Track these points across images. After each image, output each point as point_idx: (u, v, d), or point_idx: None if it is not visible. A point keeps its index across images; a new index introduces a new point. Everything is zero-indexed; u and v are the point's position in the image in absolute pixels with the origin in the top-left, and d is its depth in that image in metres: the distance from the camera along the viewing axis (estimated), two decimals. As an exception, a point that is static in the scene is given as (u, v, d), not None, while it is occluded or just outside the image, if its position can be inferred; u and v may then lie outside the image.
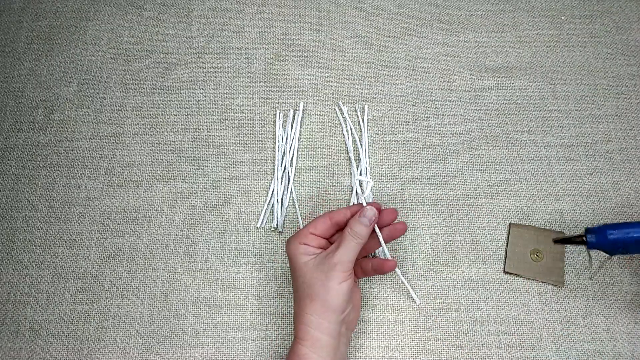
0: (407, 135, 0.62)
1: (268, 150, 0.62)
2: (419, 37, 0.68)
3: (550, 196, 0.58)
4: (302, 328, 0.43)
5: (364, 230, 0.44)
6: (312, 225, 0.46)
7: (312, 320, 0.43)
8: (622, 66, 0.65)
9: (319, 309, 0.43)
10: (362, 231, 0.44)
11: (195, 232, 0.57)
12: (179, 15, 0.71)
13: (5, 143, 0.63)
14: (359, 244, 0.44)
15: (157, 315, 0.54)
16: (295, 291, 0.46)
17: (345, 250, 0.44)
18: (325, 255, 0.44)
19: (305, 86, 0.65)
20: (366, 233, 0.45)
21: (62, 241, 0.57)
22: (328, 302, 0.43)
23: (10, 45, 0.69)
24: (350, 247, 0.44)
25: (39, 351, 0.52)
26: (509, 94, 0.64)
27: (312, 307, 0.43)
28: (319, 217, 0.47)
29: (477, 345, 0.51)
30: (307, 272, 0.44)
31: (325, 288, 0.43)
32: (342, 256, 0.43)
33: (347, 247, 0.44)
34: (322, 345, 0.43)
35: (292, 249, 0.46)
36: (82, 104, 0.65)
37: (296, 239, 0.46)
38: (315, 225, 0.46)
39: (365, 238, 0.45)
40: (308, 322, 0.43)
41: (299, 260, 0.45)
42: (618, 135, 0.61)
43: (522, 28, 0.68)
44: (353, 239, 0.44)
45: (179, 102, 0.65)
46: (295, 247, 0.46)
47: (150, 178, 0.60)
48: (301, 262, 0.45)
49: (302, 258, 0.45)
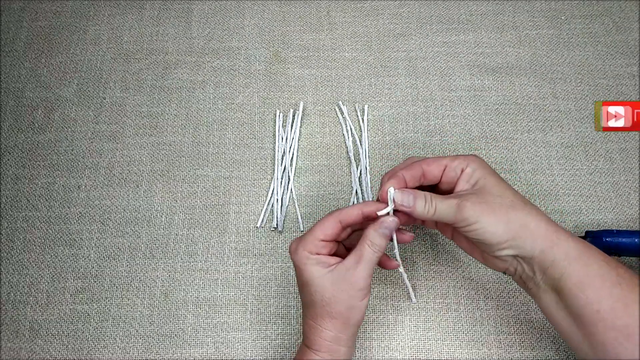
0: (407, 135, 0.62)
1: (268, 150, 0.62)
2: (419, 37, 0.68)
3: (550, 196, 0.58)
4: (319, 341, 0.41)
5: (384, 242, 0.41)
6: (320, 231, 0.42)
7: (331, 335, 0.41)
8: (622, 66, 0.65)
9: (340, 326, 0.41)
10: (383, 243, 0.41)
11: (195, 232, 0.57)
12: (179, 15, 0.71)
13: (5, 143, 0.63)
14: (378, 257, 0.41)
15: (157, 315, 0.54)
16: (310, 305, 0.42)
17: (366, 265, 0.40)
18: (345, 270, 0.41)
19: (305, 86, 0.65)
20: (385, 243, 0.42)
21: (61, 241, 0.57)
22: (350, 319, 0.41)
23: (10, 45, 0.69)
24: (370, 260, 0.41)
25: (39, 351, 0.52)
26: (509, 94, 0.64)
27: (332, 324, 0.41)
28: (327, 220, 0.42)
29: (477, 345, 0.51)
30: (326, 289, 0.41)
31: (348, 308, 0.41)
32: (363, 272, 0.40)
33: (367, 261, 0.41)
34: (339, 356, 0.42)
35: (303, 260, 0.41)
36: (82, 104, 0.65)
37: (305, 248, 0.41)
38: (325, 230, 0.42)
39: (384, 249, 0.42)
40: (326, 336, 0.41)
41: (313, 273, 0.41)
42: (618, 135, 0.61)
43: (522, 28, 0.68)
44: (373, 253, 0.41)
45: (179, 102, 0.65)
46: (306, 258, 0.41)
47: (150, 178, 0.60)
48: (316, 275, 0.41)
49: (316, 271, 0.41)
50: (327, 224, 0.42)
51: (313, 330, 0.42)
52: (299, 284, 0.43)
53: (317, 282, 0.41)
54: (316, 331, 0.42)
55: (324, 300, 0.41)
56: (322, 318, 0.41)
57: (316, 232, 0.42)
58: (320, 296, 0.41)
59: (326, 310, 0.41)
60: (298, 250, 0.42)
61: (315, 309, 0.42)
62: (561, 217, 0.57)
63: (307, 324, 0.43)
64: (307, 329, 0.43)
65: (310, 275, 0.41)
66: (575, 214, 0.57)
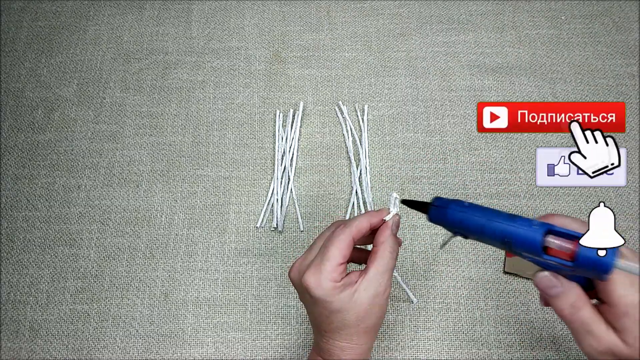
0: (407, 135, 0.62)
1: (268, 150, 0.62)
2: (419, 37, 0.68)
3: (550, 196, 0.58)
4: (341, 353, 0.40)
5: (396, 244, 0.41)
6: (340, 254, 0.39)
7: (367, 347, 0.41)
8: (622, 66, 0.65)
9: (373, 335, 0.41)
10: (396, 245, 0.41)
11: (195, 232, 0.57)
12: (179, 15, 0.71)
13: (5, 143, 0.63)
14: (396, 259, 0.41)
15: (157, 315, 0.54)
16: (341, 329, 0.39)
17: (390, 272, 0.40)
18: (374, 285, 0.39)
19: (305, 86, 0.65)
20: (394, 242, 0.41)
21: (61, 241, 0.57)
22: (379, 325, 0.41)
23: (10, 45, 0.69)
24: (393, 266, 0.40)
25: (39, 351, 0.52)
26: (509, 94, 0.64)
27: (367, 337, 0.40)
28: (342, 241, 0.39)
29: (477, 345, 0.51)
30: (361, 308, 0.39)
31: (380, 317, 0.40)
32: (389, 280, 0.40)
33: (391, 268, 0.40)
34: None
35: (332, 292, 0.38)
36: (82, 104, 0.65)
37: (330, 279, 0.38)
38: (343, 252, 0.39)
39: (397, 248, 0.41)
40: (362, 351, 0.40)
41: (344, 300, 0.38)
42: (618, 135, 0.61)
43: (522, 28, 0.68)
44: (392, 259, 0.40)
45: (179, 102, 0.65)
46: (334, 289, 0.38)
47: (150, 178, 0.60)
48: (347, 300, 0.38)
49: (346, 296, 0.38)
50: (344, 245, 0.39)
51: (348, 351, 0.40)
52: (324, 314, 0.39)
53: (350, 307, 0.38)
54: (352, 350, 0.40)
55: (358, 319, 0.39)
56: (358, 336, 0.40)
57: (336, 257, 0.38)
58: (354, 318, 0.39)
59: (362, 328, 0.39)
60: (322, 283, 0.38)
61: (348, 329, 0.39)
62: (561, 217, 0.57)
63: (338, 346, 0.40)
64: (339, 350, 0.40)
65: (340, 303, 0.38)
66: (575, 214, 0.57)
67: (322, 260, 0.38)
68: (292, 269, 0.41)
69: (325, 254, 0.38)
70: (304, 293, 0.40)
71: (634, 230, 0.56)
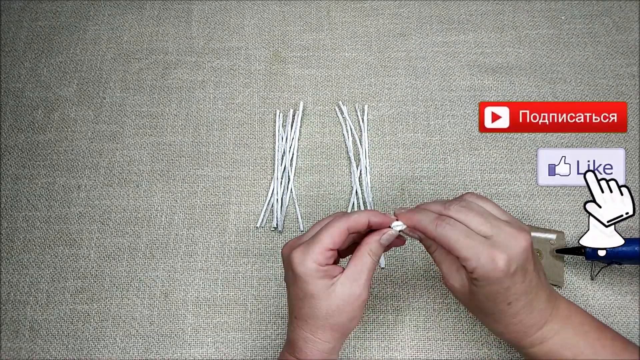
0: (407, 135, 0.62)
1: (268, 150, 0.62)
2: (419, 37, 0.68)
3: (550, 196, 0.58)
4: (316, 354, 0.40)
5: (381, 251, 0.41)
6: (330, 239, 0.39)
7: (329, 347, 0.40)
8: (622, 66, 0.65)
9: (339, 337, 0.41)
10: (380, 252, 0.41)
11: (195, 232, 0.57)
12: (179, 15, 0.71)
13: (5, 143, 0.63)
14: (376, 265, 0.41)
15: (157, 315, 0.54)
16: (309, 318, 0.40)
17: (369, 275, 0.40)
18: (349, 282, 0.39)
19: (305, 86, 0.65)
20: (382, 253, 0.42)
21: (62, 241, 0.57)
22: (348, 329, 0.41)
23: (10, 45, 0.69)
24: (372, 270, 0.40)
25: (39, 351, 0.52)
26: (509, 94, 0.64)
27: (332, 336, 0.40)
28: (336, 228, 0.39)
29: (477, 345, 0.51)
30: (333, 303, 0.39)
31: (350, 319, 0.40)
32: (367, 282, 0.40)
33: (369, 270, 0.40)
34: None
35: (311, 273, 0.39)
36: (82, 104, 0.65)
37: (314, 260, 0.38)
38: (334, 239, 0.39)
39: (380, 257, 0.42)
40: (324, 349, 0.40)
41: (319, 287, 0.39)
42: (618, 135, 0.61)
43: (522, 28, 0.68)
44: (373, 262, 0.40)
45: (179, 102, 0.65)
46: (315, 271, 0.39)
47: (150, 178, 0.60)
48: (322, 289, 0.39)
49: (323, 284, 0.39)
50: (336, 232, 0.39)
51: (310, 344, 0.40)
52: (299, 296, 0.40)
53: (323, 296, 0.39)
54: (314, 344, 0.40)
55: (328, 314, 0.39)
56: (322, 331, 0.40)
57: (325, 241, 0.39)
58: (325, 310, 0.39)
59: (329, 323, 0.40)
60: (306, 262, 0.38)
61: (316, 321, 0.40)
62: (561, 217, 0.57)
63: (302, 336, 0.40)
64: (302, 342, 0.40)
65: (316, 289, 0.39)
66: (575, 214, 0.57)
67: (313, 241, 0.39)
68: (286, 245, 0.42)
69: (317, 237, 0.39)
70: (288, 269, 0.41)
71: (634, 230, 0.56)
